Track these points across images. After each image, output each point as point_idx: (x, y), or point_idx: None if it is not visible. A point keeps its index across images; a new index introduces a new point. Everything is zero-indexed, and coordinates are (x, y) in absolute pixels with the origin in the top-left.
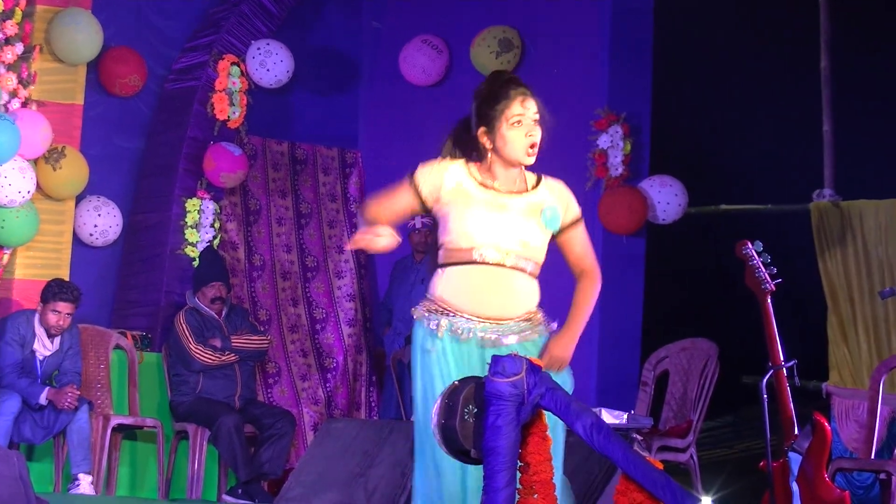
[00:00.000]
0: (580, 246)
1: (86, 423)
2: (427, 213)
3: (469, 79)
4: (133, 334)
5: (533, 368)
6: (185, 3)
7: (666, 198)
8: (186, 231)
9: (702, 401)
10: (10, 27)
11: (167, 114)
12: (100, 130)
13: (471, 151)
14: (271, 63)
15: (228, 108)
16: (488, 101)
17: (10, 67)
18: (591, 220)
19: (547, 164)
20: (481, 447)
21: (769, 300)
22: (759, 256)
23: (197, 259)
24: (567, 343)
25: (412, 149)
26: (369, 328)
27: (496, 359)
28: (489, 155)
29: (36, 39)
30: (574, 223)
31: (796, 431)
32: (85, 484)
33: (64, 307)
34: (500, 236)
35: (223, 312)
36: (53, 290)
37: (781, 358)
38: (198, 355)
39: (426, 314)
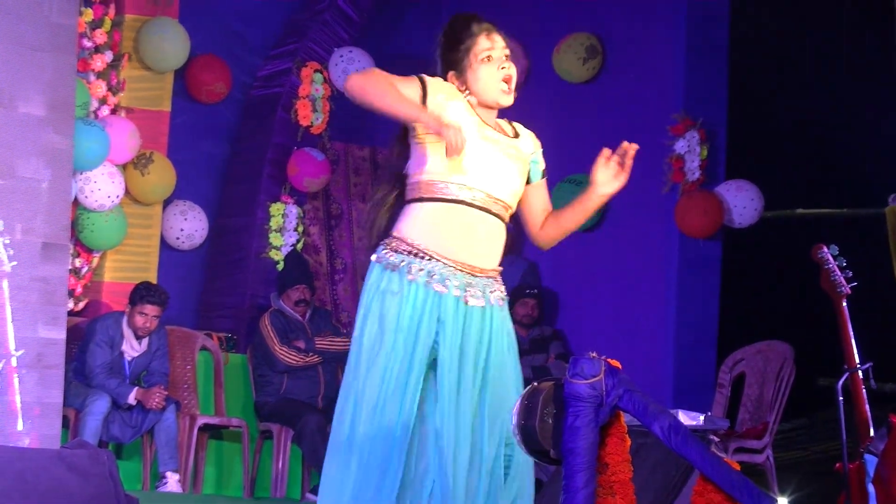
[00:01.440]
0: (547, 194)
1: (173, 422)
2: (403, 135)
3: (547, 84)
4: (219, 336)
5: (611, 370)
6: (269, 12)
7: (742, 202)
8: (271, 235)
9: (778, 403)
10: (100, 36)
11: (252, 120)
12: (186, 136)
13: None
14: (354, 70)
15: (311, 114)
16: (451, 42)
17: (99, 75)
18: (668, 224)
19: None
20: (560, 448)
21: (845, 303)
22: (834, 260)
23: (281, 262)
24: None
25: None
26: None
27: (575, 360)
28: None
29: (125, 48)
30: (544, 174)
31: (872, 433)
32: (172, 482)
33: (151, 310)
34: (492, 179)
35: (307, 315)
36: (141, 293)
37: (857, 360)
38: (282, 356)
39: (391, 253)
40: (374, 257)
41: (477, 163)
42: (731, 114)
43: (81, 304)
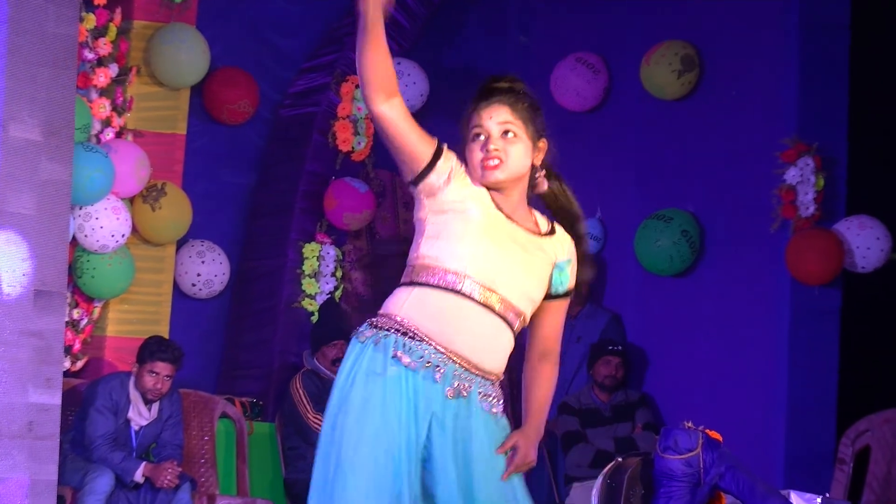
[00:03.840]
0: (561, 320)
1: (188, 503)
2: (414, 183)
3: (633, 102)
4: (242, 401)
5: (710, 443)
6: (304, 18)
7: (866, 242)
8: (304, 281)
9: None
10: (103, 46)
11: (282, 145)
12: (205, 164)
13: None
14: (402, 85)
15: (353, 137)
16: (463, 115)
17: (102, 92)
18: (778, 268)
19: (727, 202)
20: None
21: None
22: None
23: (316, 314)
24: (535, 440)
25: (574, 177)
26: (516, 397)
27: (667, 431)
28: None
29: (133, 60)
30: (569, 292)
31: None
32: None
33: (163, 368)
34: (497, 273)
35: None
36: (151, 349)
37: None
38: (317, 426)
39: (380, 332)
40: (360, 333)
41: (479, 252)
42: (851, 138)
43: (80, 363)
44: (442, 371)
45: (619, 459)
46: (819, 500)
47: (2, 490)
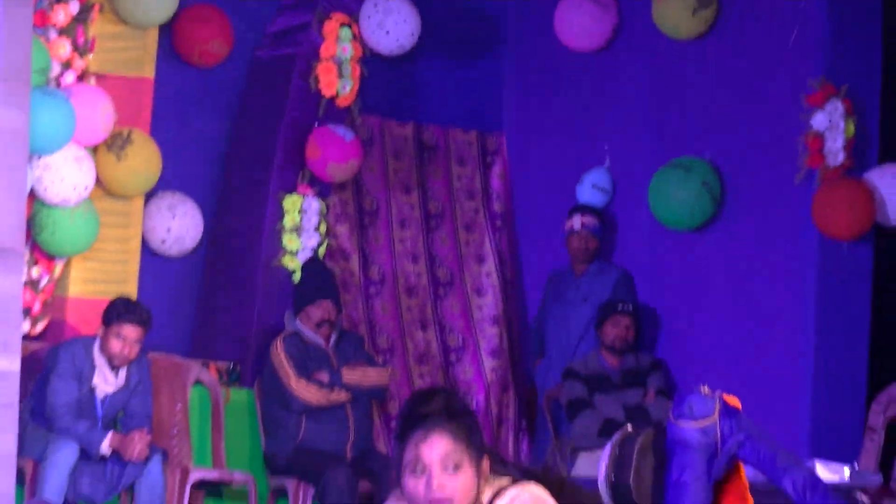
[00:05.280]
0: None
1: (159, 476)
2: None
3: (644, 42)
4: (218, 366)
5: (729, 410)
6: None
7: None
8: (285, 236)
9: None
10: None
11: (259, 89)
12: (175, 110)
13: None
14: (392, 23)
15: (337, 80)
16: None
17: (62, 31)
18: (804, 222)
19: (748, 150)
20: None
21: None
22: None
23: (298, 272)
24: None
25: (569, 131)
26: (517, 359)
27: (681, 397)
28: None
29: None
30: None
31: None
32: None
33: (131, 331)
34: None
35: (332, 339)
36: (118, 311)
37: None
38: (300, 393)
39: None
40: None
41: None
42: (885, 80)
43: (41, 326)
44: None
45: (629, 428)
46: (847, 470)
47: None
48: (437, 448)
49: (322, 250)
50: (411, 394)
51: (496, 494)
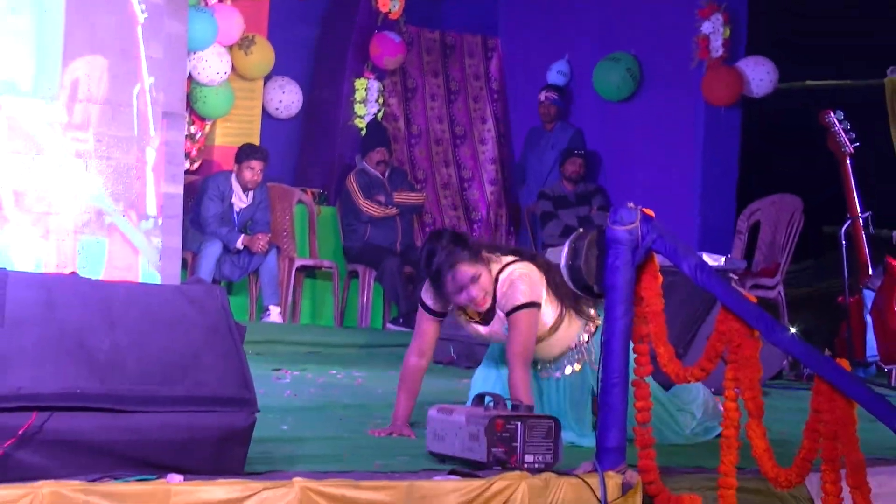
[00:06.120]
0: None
1: (274, 264)
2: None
3: None
4: (312, 191)
5: (646, 219)
6: None
7: (759, 75)
8: (356, 106)
9: (788, 247)
10: None
11: (339, 7)
12: (284, 21)
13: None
14: None
15: (390, 2)
16: None
17: None
18: (695, 95)
19: (659, 47)
20: (602, 284)
21: (848, 161)
22: (839, 123)
23: (364, 129)
24: None
25: (550, 31)
26: (507, 186)
27: (615, 210)
28: None
29: None
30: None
31: (870, 272)
32: (275, 314)
33: (256, 164)
34: None
35: (386, 173)
36: (246, 151)
37: (858, 210)
38: (365, 209)
39: None
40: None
41: None
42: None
43: (196, 165)
44: None
45: (581, 230)
46: (724, 259)
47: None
48: (461, 275)
49: (380, 115)
50: (428, 234)
51: (502, 269)
